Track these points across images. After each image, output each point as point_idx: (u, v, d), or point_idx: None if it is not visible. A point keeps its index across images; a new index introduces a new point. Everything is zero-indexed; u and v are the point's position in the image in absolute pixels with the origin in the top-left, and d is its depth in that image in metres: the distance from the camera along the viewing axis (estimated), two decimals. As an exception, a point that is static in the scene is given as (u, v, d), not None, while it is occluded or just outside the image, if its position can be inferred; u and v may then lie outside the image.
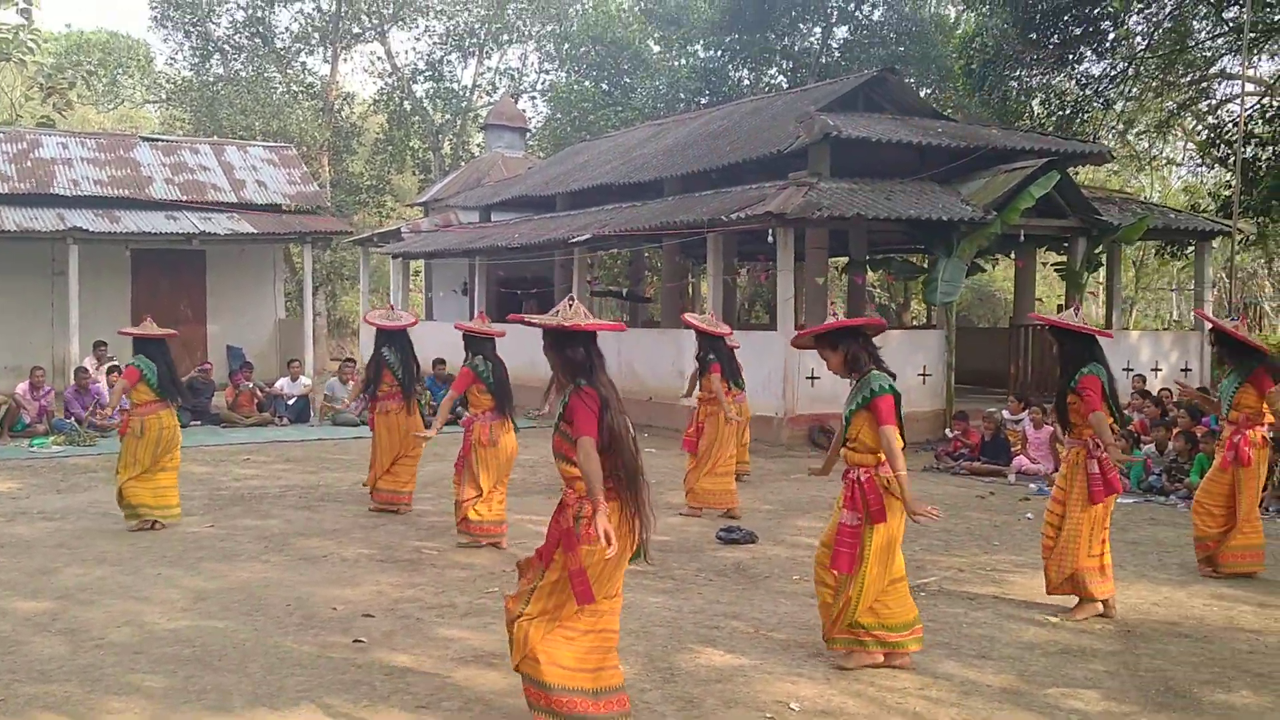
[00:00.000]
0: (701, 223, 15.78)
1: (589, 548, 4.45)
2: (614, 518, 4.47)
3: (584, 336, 4.66)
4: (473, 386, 8.63)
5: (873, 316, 6.11)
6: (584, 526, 4.45)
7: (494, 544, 8.53)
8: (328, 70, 38.35)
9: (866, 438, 5.63)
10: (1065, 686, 5.45)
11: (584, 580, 4.49)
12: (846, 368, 5.74)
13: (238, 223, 20.95)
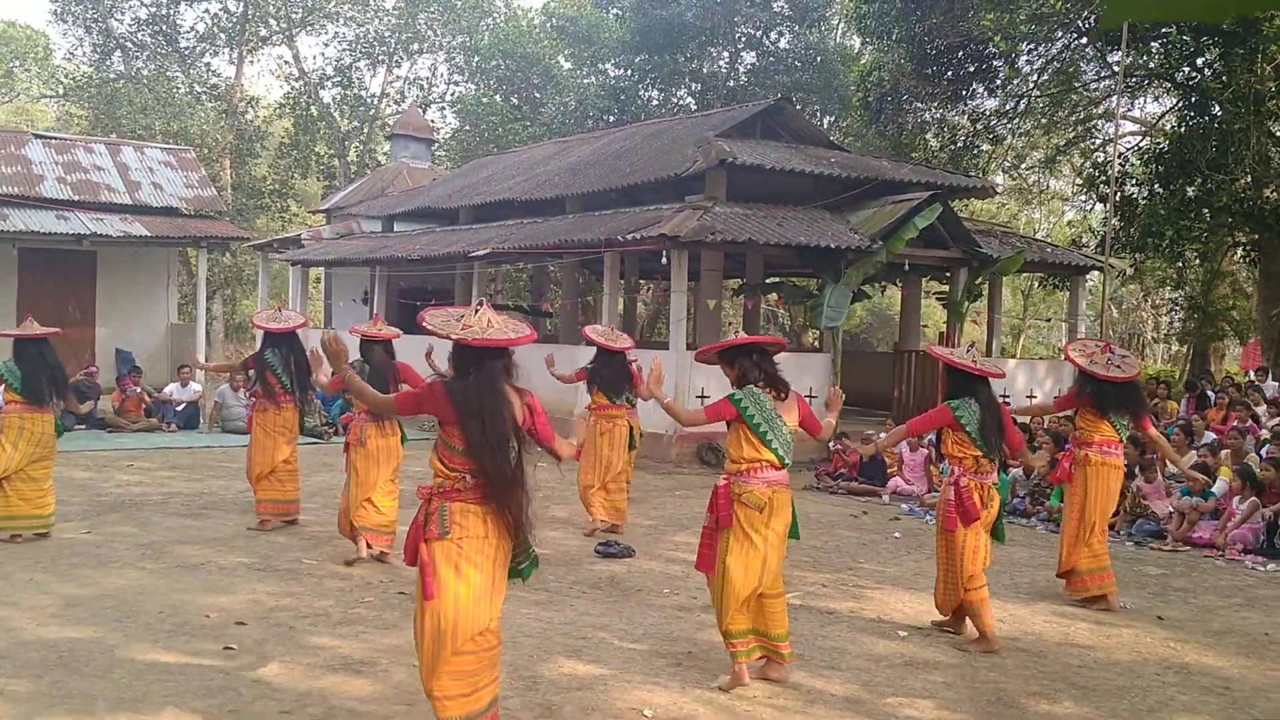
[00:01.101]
0: (599, 242, 16.05)
1: (433, 544, 4.57)
2: (452, 517, 4.57)
3: (469, 347, 4.68)
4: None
5: (773, 336, 6.36)
6: (430, 522, 4.60)
7: (378, 556, 8.49)
8: (233, 72, 37.91)
9: (730, 447, 5.96)
10: (904, 696, 5.79)
11: (426, 572, 4.57)
12: (738, 382, 5.98)
13: (131, 225, 20.66)
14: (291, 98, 38.23)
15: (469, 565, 4.56)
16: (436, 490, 4.66)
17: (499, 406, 4.61)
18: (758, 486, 5.78)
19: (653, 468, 14.29)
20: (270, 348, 9.84)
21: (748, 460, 5.83)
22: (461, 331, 4.64)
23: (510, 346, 4.70)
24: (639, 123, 26.78)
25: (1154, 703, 5.84)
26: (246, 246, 28.55)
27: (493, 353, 4.66)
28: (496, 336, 4.66)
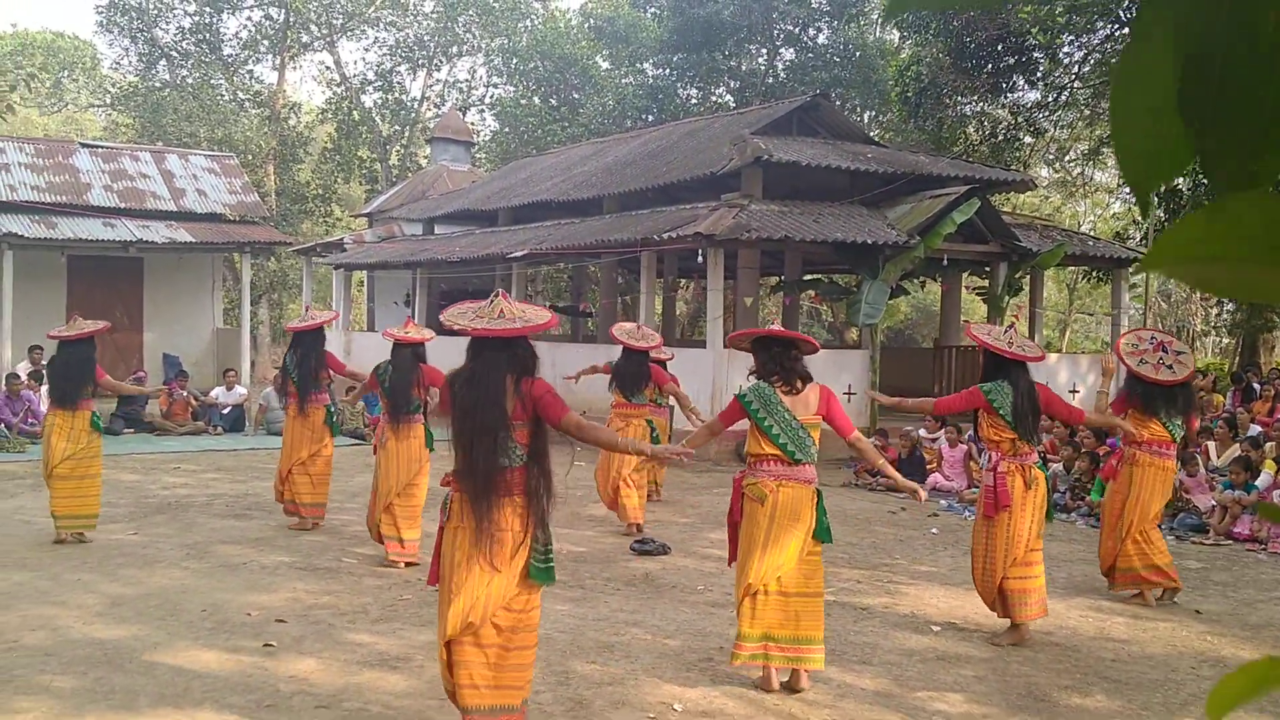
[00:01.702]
0: (635, 241, 16.12)
1: (447, 530, 4.68)
2: (455, 506, 4.65)
3: (474, 339, 4.71)
4: (380, 391, 8.89)
5: (805, 335, 6.32)
6: (441, 509, 4.75)
7: (393, 563, 8.46)
8: (275, 79, 38.37)
9: (749, 445, 5.98)
10: (934, 690, 5.80)
11: (435, 558, 4.78)
12: (758, 373, 5.96)
13: (176, 231, 20.99)
14: (333, 103, 38.63)
15: (460, 551, 4.59)
16: (451, 478, 4.75)
17: (481, 399, 4.57)
18: (761, 479, 5.78)
19: (691, 465, 14.33)
20: (291, 349, 10.06)
21: (754, 454, 5.87)
22: (471, 322, 4.66)
23: (515, 336, 4.65)
24: (675, 121, 26.81)
25: (1187, 696, 5.81)
26: (290, 251, 28.91)
27: (494, 343, 4.63)
28: (500, 326, 4.63)
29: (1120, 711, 5.57)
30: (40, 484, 11.63)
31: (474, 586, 4.56)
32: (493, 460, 4.55)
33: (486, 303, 4.80)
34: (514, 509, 4.62)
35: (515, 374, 4.64)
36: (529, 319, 4.73)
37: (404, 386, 8.66)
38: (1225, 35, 0.47)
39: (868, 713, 5.44)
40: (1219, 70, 0.48)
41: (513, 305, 4.81)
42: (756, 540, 5.75)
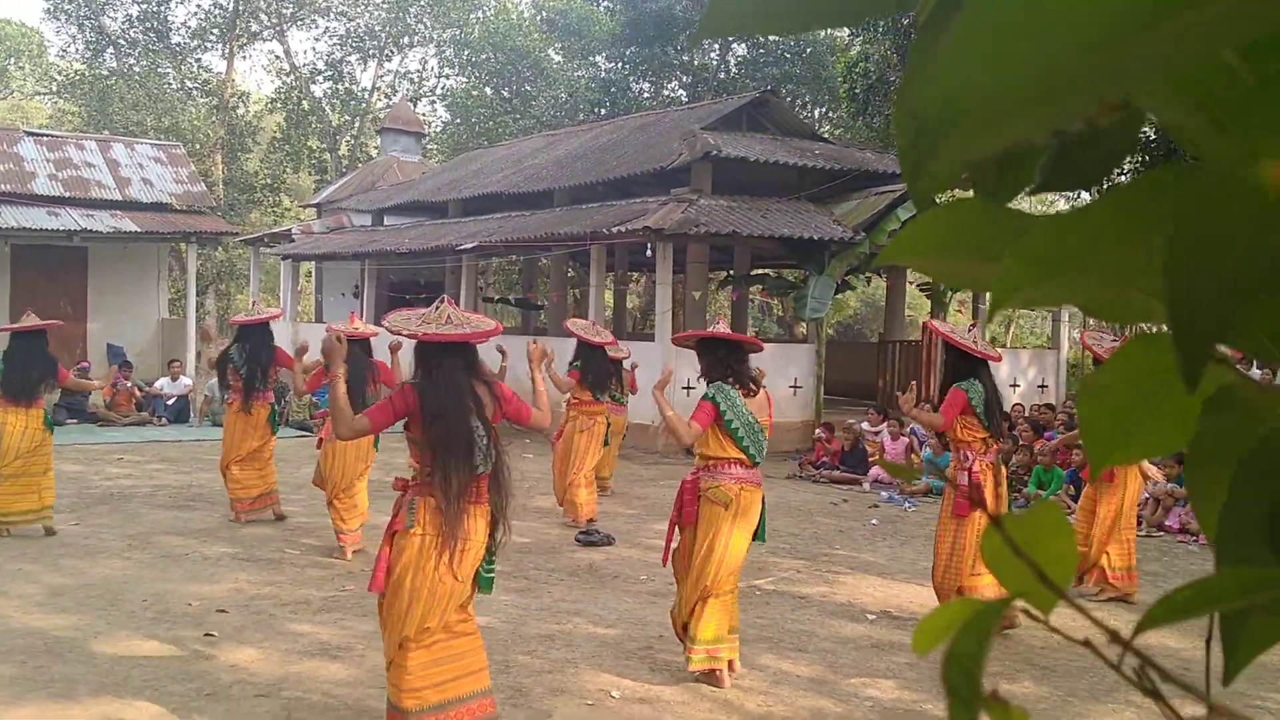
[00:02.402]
0: (584, 235, 16.19)
1: (400, 536, 4.61)
2: (420, 513, 4.59)
3: (427, 345, 4.73)
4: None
5: (750, 336, 6.29)
6: (399, 515, 4.66)
7: (353, 550, 8.50)
8: (224, 68, 38.00)
9: (698, 446, 5.89)
10: (868, 677, 5.94)
11: (380, 565, 4.63)
12: (704, 374, 5.98)
13: (121, 221, 20.78)
14: (283, 92, 38.32)
15: (425, 559, 4.56)
16: (411, 483, 4.72)
17: (458, 405, 4.59)
18: (725, 483, 5.73)
19: (638, 458, 14.44)
20: (237, 342, 9.97)
21: (715, 457, 5.78)
22: (419, 327, 4.65)
23: (469, 342, 4.70)
24: (627, 115, 26.90)
25: (1112, 683, 5.99)
26: (238, 241, 28.68)
27: (452, 349, 4.66)
28: (454, 332, 4.65)
29: (1047, 697, 5.75)
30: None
31: (438, 594, 4.57)
32: (470, 467, 4.57)
33: (433, 309, 4.80)
34: (482, 515, 4.67)
35: (477, 378, 4.70)
36: (477, 325, 4.76)
37: (358, 383, 8.46)
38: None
39: (801, 699, 5.57)
40: None
41: (458, 311, 4.83)
42: (717, 544, 5.67)
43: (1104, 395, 0.57)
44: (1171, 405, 0.55)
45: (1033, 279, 0.46)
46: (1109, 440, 0.58)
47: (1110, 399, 0.57)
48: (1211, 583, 0.49)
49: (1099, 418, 0.58)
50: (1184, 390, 0.46)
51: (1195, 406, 0.54)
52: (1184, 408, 0.54)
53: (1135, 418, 0.57)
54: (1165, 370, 0.53)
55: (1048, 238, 0.47)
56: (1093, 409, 0.58)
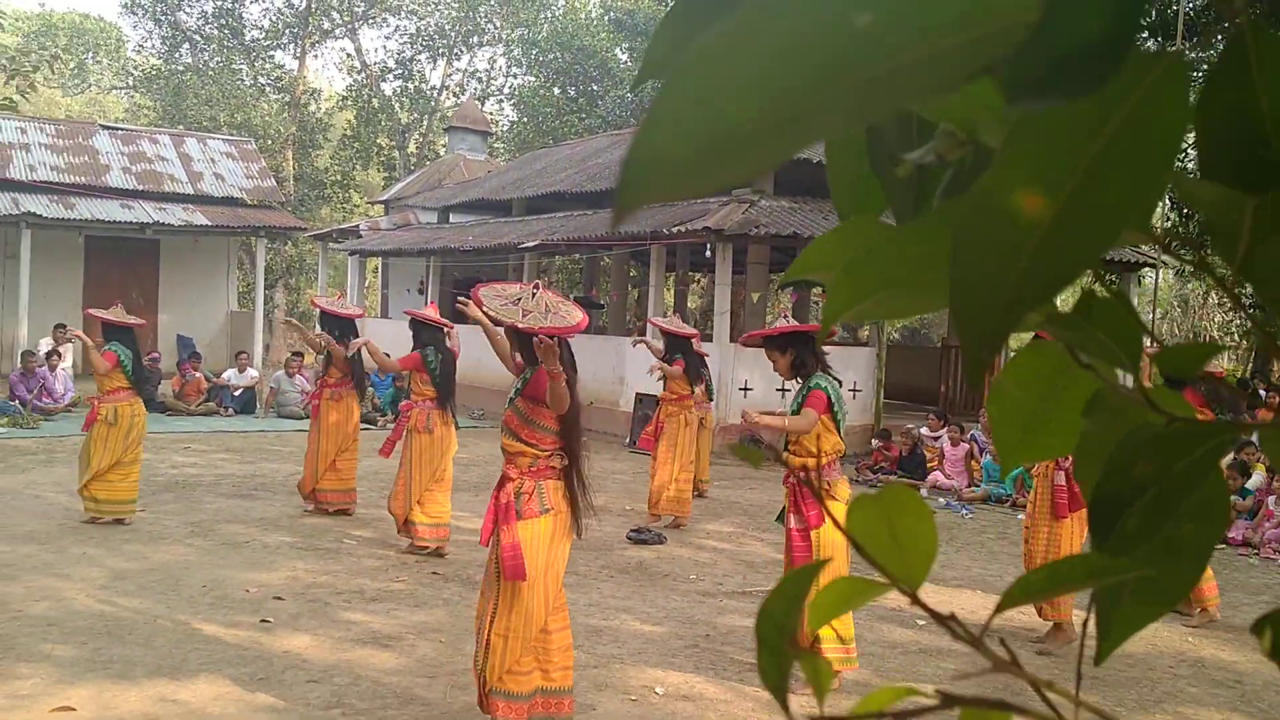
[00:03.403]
0: (645, 234, 16.24)
1: (527, 522, 4.65)
2: (549, 495, 4.72)
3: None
4: (418, 375, 8.68)
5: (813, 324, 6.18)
6: (524, 502, 4.69)
7: (436, 551, 8.42)
8: (296, 65, 38.62)
9: (806, 440, 5.75)
10: (915, 682, 5.90)
11: (518, 556, 4.63)
12: (792, 370, 5.82)
13: (192, 214, 21.24)
14: (353, 90, 38.88)
15: (557, 542, 4.76)
16: (528, 469, 4.75)
17: (574, 385, 4.81)
18: (840, 480, 5.71)
19: None
20: (327, 328, 9.89)
21: (831, 451, 5.69)
22: (524, 319, 4.69)
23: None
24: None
25: (1161, 693, 5.91)
26: (307, 236, 29.17)
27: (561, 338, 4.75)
28: (558, 324, 4.70)
29: (1094, 706, 5.67)
30: (51, 459, 11.88)
31: (561, 574, 4.90)
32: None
33: (528, 294, 4.84)
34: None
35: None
36: (568, 312, 4.87)
37: (452, 373, 8.67)
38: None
39: (845, 700, 5.56)
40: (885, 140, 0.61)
41: (553, 297, 4.93)
42: (842, 544, 5.50)
43: (1007, 401, 0.59)
44: (1066, 408, 0.57)
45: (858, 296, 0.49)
46: (1015, 442, 0.61)
47: (1012, 404, 0.59)
48: (1060, 567, 0.51)
49: (1004, 422, 0.60)
50: (1074, 394, 0.49)
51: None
52: (1076, 407, 0.56)
53: (1036, 421, 0.59)
54: (1056, 374, 0.56)
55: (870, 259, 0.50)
56: (999, 413, 0.60)
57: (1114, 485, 0.50)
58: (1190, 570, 0.52)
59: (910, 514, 0.55)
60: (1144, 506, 0.49)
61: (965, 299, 0.44)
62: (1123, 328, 0.49)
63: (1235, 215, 0.42)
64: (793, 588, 0.54)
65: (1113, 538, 0.51)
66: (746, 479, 12.83)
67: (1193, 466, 0.49)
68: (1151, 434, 0.49)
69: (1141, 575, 0.50)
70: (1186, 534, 0.50)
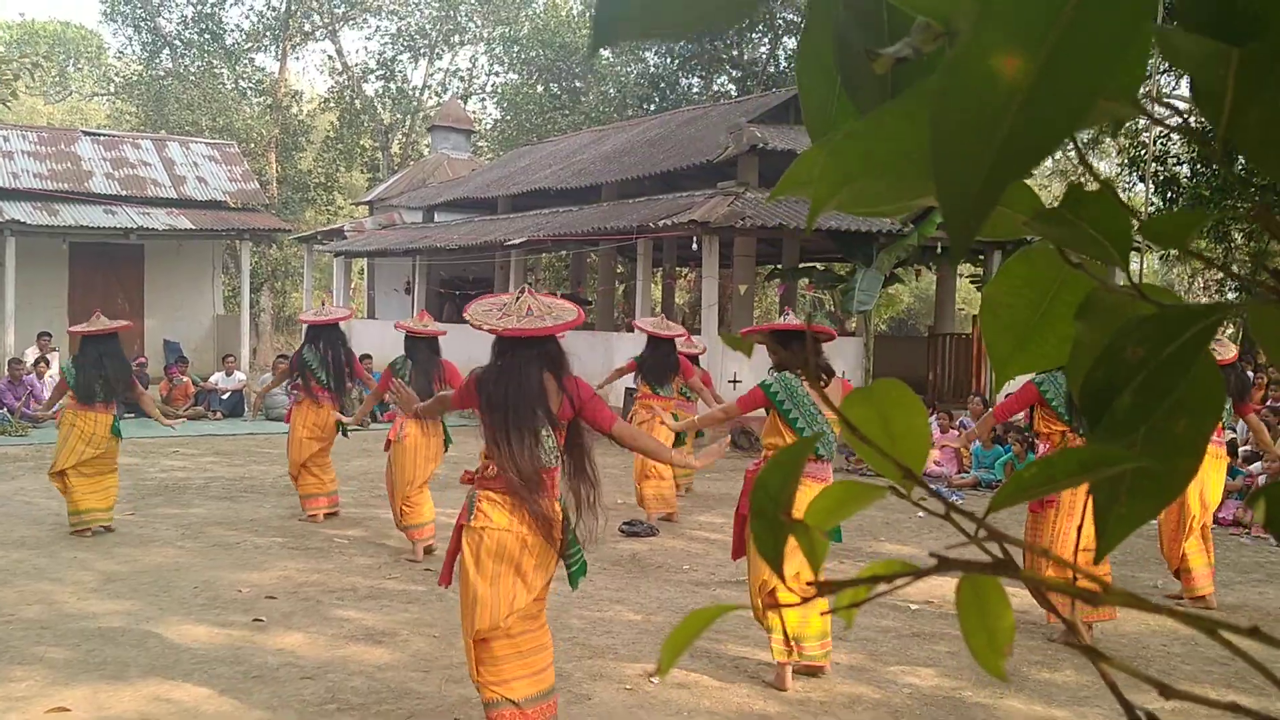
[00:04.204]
0: (632, 229, 16.24)
1: (467, 526, 4.53)
2: (483, 504, 4.51)
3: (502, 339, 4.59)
4: (393, 384, 8.68)
5: (822, 325, 6.11)
6: (464, 507, 4.59)
7: (425, 548, 8.35)
8: (277, 68, 38.50)
9: (763, 434, 5.83)
10: (907, 665, 5.93)
11: (449, 561, 4.63)
12: (777, 368, 5.82)
13: (176, 218, 21.17)
14: (335, 91, 38.77)
15: (487, 556, 4.47)
16: (475, 477, 4.63)
17: (522, 397, 4.47)
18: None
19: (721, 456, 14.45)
20: (309, 344, 9.74)
21: (775, 447, 5.64)
22: (499, 321, 4.52)
23: (548, 335, 4.53)
24: (674, 110, 26.92)
25: (1155, 671, 5.93)
26: (292, 239, 29.08)
27: (525, 341, 4.51)
28: (531, 325, 4.49)
29: (1088, 685, 5.70)
30: (40, 466, 11.82)
31: (502, 587, 4.47)
32: (536, 458, 4.47)
33: (513, 299, 4.67)
34: (551, 509, 4.56)
35: (552, 371, 4.54)
36: (558, 316, 4.58)
37: (425, 383, 8.46)
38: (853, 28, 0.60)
39: (840, 685, 5.58)
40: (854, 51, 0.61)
41: (539, 301, 4.66)
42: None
43: (1000, 311, 0.59)
44: (1058, 317, 0.57)
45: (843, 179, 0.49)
46: (1008, 353, 0.60)
47: (1005, 314, 0.59)
48: (1055, 460, 0.51)
49: (997, 334, 0.60)
50: (1066, 301, 0.49)
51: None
52: (1069, 315, 0.56)
53: (1028, 331, 0.59)
54: (1047, 282, 0.56)
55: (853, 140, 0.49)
56: (992, 324, 0.60)
57: (1106, 371, 0.50)
58: (1186, 464, 0.52)
59: (903, 408, 0.55)
60: (1135, 390, 0.49)
61: (947, 171, 0.44)
62: (1112, 220, 0.49)
63: (1220, 71, 0.42)
64: (787, 461, 0.54)
65: (1104, 422, 0.51)
66: (736, 471, 12.82)
67: (1183, 349, 0.49)
68: (1141, 318, 0.49)
69: (1139, 467, 0.50)
70: (1181, 428, 0.50)
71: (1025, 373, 0.63)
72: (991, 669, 0.63)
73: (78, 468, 8.73)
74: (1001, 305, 0.58)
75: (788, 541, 0.58)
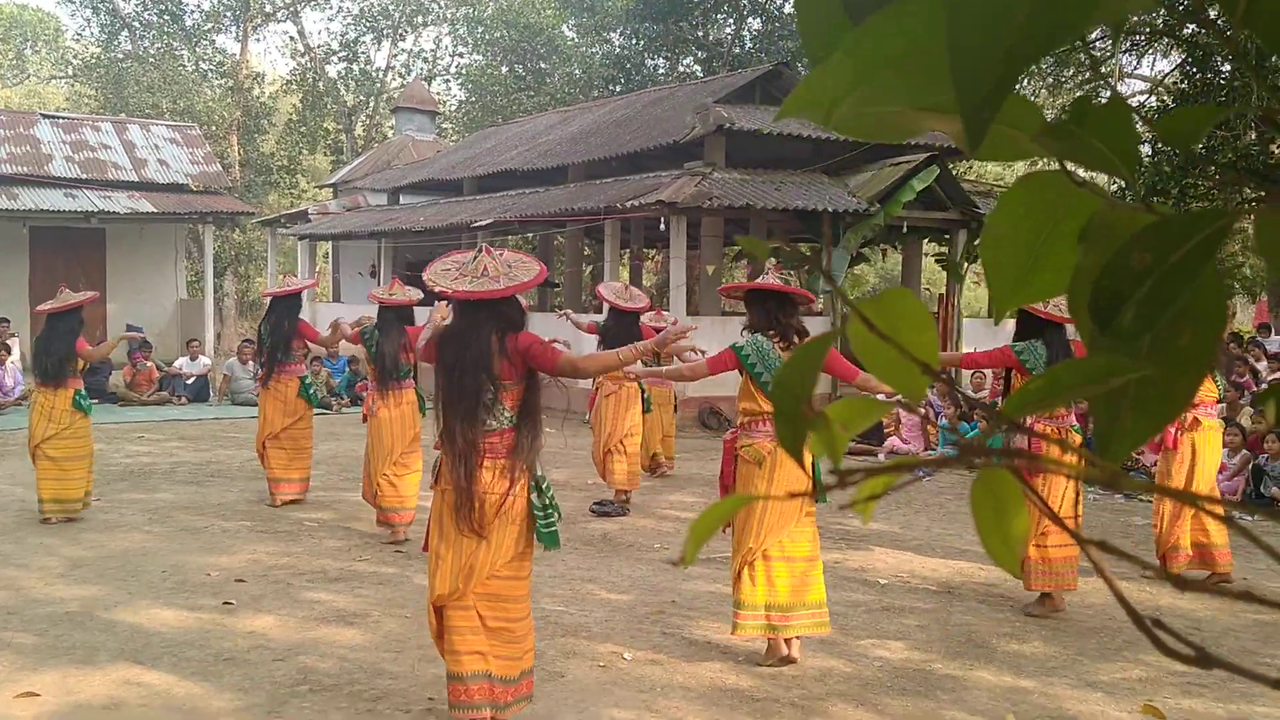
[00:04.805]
0: (599, 210, 16.20)
1: (435, 488, 4.52)
2: (442, 469, 4.49)
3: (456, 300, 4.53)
4: (365, 355, 8.53)
5: (800, 288, 5.94)
6: (434, 469, 4.57)
7: (393, 537, 8.20)
8: (238, 49, 38.04)
9: (738, 400, 5.71)
10: (877, 638, 5.98)
11: (429, 526, 4.58)
12: (750, 328, 5.71)
13: (138, 201, 20.91)
14: (298, 74, 38.35)
15: (447, 518, 4.44)
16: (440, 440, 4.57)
17: (465, 360, 4.42)
18: (758, 440, 5.50)
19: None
20: (265, 318, 9.72)
21: (749, 413, 5.57)
22: (453, 283, 4.45)
23: (501, 297, 4.43)
24: (640, 90, 26.84)
25: (1121, 642, 6.01)
26: (255, 223, 28.80)
27: (477, 303, 4.43)
28: (483, 287, 4.41)
29: (1056, 656, 5.77)
30: (4, 453, 11.70)
31: (460, 551, 4.42)
32: (474, 423, 4.38)
33: (470, 258, 4.59)
34: (497, 471, 4.41)
35: (501, 332, 4.44)
36: (514, 276, 4.49)
37: (392, 352, 8.36)
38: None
39: (811, 659, 5.61)
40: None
41: (498, 260, 4.56)
42: (754, 505, 5.47)
43: (1001, 242, 0.59)
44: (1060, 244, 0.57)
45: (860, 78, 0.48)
46: (1010, 284, 0.60)
47: (1007, 245, 0.59)
48: (1060, 372, 0.51)
49: (998, 264, 0.60)
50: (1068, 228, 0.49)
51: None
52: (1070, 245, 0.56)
53: (1030, 260, 0.59)
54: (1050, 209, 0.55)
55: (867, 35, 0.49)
56: (993, 255, 0.60)
57: (1113, 279, 0.49)
58: (1190, 378, 0.52)
59: (911, 320, 0.55)
60: (1142, 298, 0.49)
61: (963, 53, 0.43)
62: (1120, 134, 0.49)
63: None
64: (806, 359, 0.54)
65: (1112, 328, 0.51)
66: (707, 451, 12.86)
67: (1189, 255, 0.49)
68: (1148, 225, 0.49)
69: (1143, 378, 0.50)
70: (1185, 340, 0.50)
71: (1026, 303, 0.63)
72: (1008, 566, 0.62)
73: (43, 449, 8.56)
74: (1003, 237, 0.58)
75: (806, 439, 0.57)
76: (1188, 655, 0.56)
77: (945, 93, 0.46)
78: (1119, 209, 0.52)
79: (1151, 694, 5.23)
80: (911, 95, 0.50)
